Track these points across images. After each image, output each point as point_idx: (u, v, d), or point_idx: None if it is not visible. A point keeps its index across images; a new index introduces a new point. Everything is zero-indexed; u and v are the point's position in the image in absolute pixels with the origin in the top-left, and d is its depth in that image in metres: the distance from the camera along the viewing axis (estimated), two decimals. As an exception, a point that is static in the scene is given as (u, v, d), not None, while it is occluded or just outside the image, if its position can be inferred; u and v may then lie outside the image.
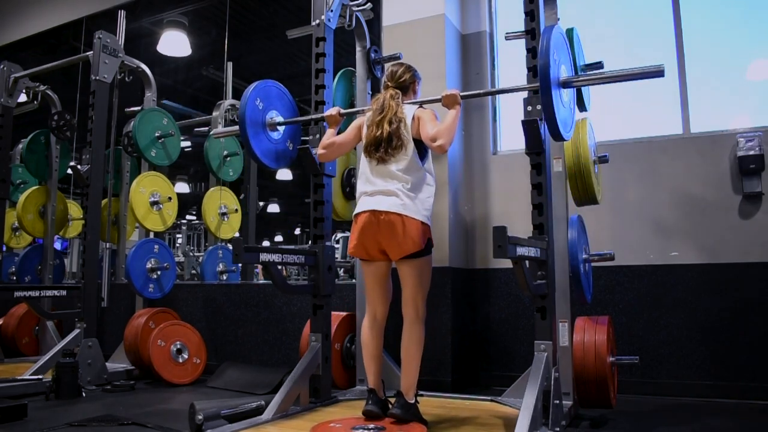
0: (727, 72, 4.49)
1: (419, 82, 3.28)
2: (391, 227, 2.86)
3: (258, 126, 3.51)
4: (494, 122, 4.82)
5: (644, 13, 4.74)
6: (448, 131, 2.85)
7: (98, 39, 4.86)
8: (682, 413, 3.50)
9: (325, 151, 3.25)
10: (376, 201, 2.91)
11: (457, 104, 3.01)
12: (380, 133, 2.97)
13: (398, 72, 3.18)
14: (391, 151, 2.94)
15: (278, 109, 3.65)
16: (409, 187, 2.90)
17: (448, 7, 4.59)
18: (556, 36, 2.73)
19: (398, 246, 2.87)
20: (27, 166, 6.05)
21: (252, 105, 3.46)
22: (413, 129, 2.97)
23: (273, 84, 3.67)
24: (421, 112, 3.02)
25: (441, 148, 2.85)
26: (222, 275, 6.06)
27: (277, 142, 3.64)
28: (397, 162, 2.94)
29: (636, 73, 2.84)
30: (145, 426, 3.13)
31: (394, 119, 2.98)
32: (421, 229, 2.88)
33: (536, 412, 2.54)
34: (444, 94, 3.05)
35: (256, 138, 3.49)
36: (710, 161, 4.07)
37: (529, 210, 2.99)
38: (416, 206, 2.88)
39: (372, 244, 2.95)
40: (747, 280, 3.88)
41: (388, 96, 3.08)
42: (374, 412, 2.85)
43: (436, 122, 2.94)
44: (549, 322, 2.88)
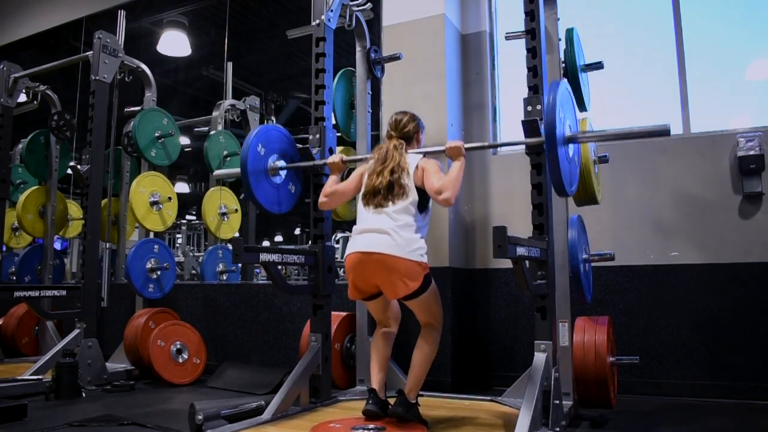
0: (727, 72, 4.49)
1: (423, 131, 3.24)
2: (382, 268, 2.81)
3: (260, 174, 3.47)
4: (494, 122, 4.82)
5: (644, 13, 4.74)
6: (453, 184, 2.81)
7: (98, 39, 4.86)
8: (682, 413, 3.50)
9: (327, 200, 3.20)
10: (366, 241, 2.86)
11: (461, 156, 2.96)
12: (380, 181, 2.93)
13: (403, 121, 3.15)
14: (391, 197, 2.89)
15: (279, 152, 3.60)
16: (402, 227, 2.82)
17: (448, 6, 4.58)
18: (562, 92, 2.73)
19: (391, 288, 2.84)
20: (27, 166, 6.04)
21: (254, 153, 3.41)
22: (417, 179, 2.92)
23: (274, 128, 3.64)
24: (426, 162, 2.97)
25: (447, 202, 2.79)
26: (222, 275, 6.06)
27: (279, 187, 3.60)
28: (392, 208, 2.88)
29: (642, 132, 2.85)
30: (145, 426, 3.13)
31: (396, 169, 2.93)
32: (415, 269, 2.81)
33: (536, 413, 2.54)
34: (448, 146, 3.00)
35: (259, 186, 3.45)
36: (710, 161, 4.07)
37: (529, 210, 2.99)
38: (409, 246, 2.80)
39: (365, 285, 2.93)
40: (747, 280, 3.87)
41: (392, 147, 3.04)
42: (374, 411, 2.85)
43: (441, 174, 2.88)
44: (549, 322, 2.88)
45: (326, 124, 3.66)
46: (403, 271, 2.79)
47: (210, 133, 6.19)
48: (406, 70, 4.47)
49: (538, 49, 3.08)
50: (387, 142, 3.12)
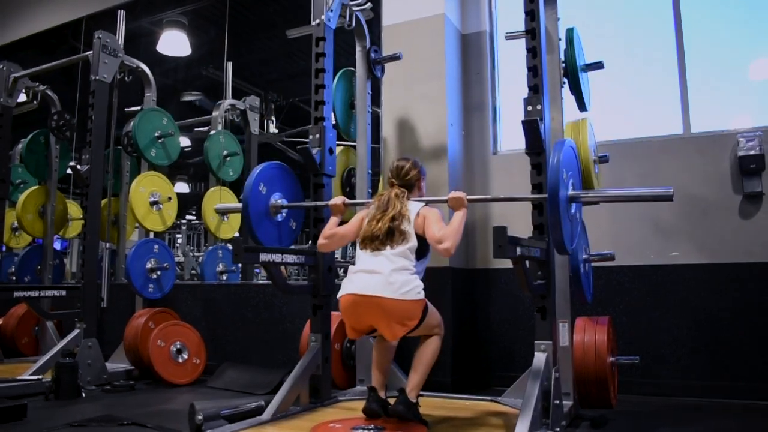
0: (728, 72, 4.49)
1: (425, 178, 3.20)
2: (377, 310, 2.76)
3: (262, 214, 3.46)
4: (494, 122, 4.81)
5: (645, 12, 4.73)
6: (454, 234, 2.78)
7: (98, 39, 4.85)
8: (683, 413, 3.50)
9: (327, 242, 3.14)
10: (361, 283, 2.80)
11: (463, 206, 2.93)
12: (380, 227, 2.90)
13: (405, 168, 3.11)
14: (390, 242, 2.86)
15: (281, 190, 3.58)
16: (398, 268, 2.78)
17: (448, 6, 4.58)
18: (566, 152, 2.71)
19: (389, 331, 2.81)
20: (27, 166, 6.04)
21: (255, 193, 3.40)
22: (417, 226, 2.89)
23: (276, 166, 3.61)
24: (428, 210, 2.94)
25: (447, 251, 2.74)
26: (222, 275, 6.05)
27: (280, 225, 3.59)
28: (392, 253, 2.83)
29: (644, 196, 2.85)
30: (145, 426, 3.13)
31: (397, 216, 2.91)
32: (412, 308, 2.77)
33: (536, 413, 2.54)
34: (450, 197, 2.97)
35: (260, 226, 3.43)
36: (711, 161, 4.07)
37: (529, 210, 2.99)
38: (405, 287, 2.74)
39: (361, 326, 2.91)
40: (748, 280, 3.87)
41: (393, 195, 3.00)
42: (374, 409, 2.84)
43: (443, 224, 2.85)
44: (549, 322, 2.88)
45: (326, 123, 3.65)
46: (401, 313, 2.75)
47: (210, 133, 6.19)
48: (406, 69, 4.47)
49: (539, 48, 3.07)
50: (389, 189, 3.08)
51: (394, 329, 2.78)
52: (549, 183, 2.62)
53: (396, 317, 2.75)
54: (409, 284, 2.76)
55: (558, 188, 2.59)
